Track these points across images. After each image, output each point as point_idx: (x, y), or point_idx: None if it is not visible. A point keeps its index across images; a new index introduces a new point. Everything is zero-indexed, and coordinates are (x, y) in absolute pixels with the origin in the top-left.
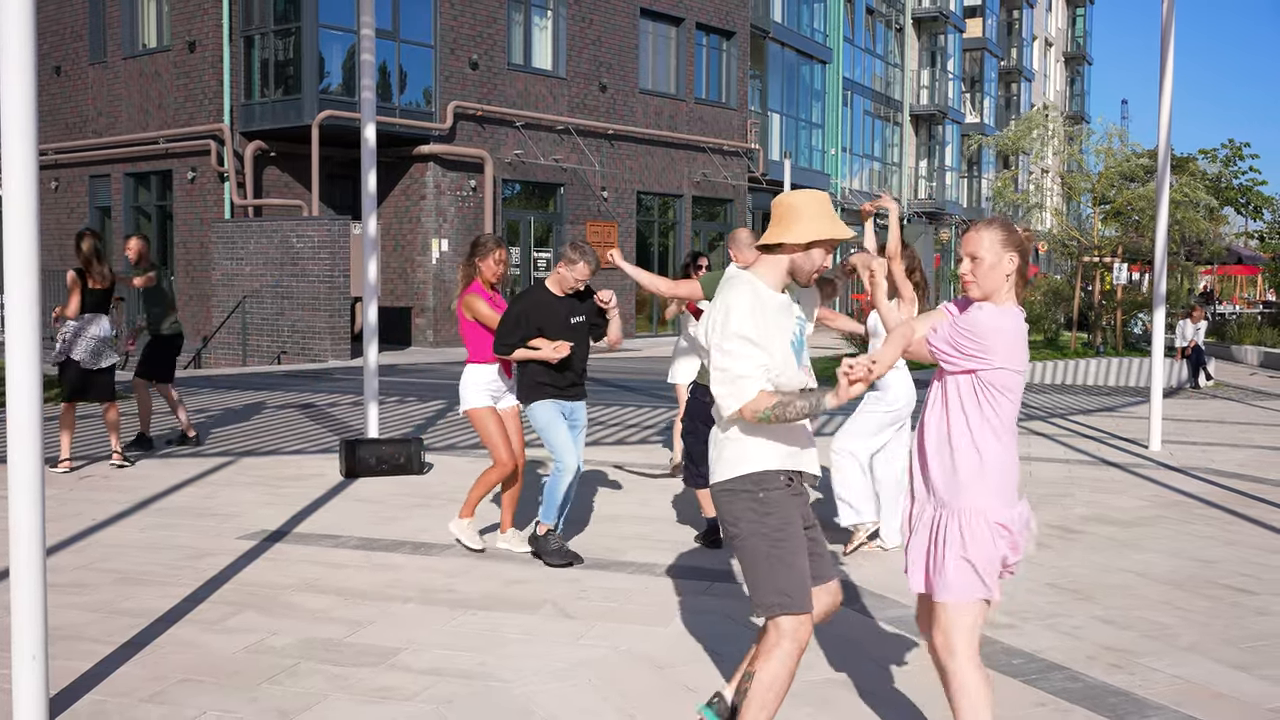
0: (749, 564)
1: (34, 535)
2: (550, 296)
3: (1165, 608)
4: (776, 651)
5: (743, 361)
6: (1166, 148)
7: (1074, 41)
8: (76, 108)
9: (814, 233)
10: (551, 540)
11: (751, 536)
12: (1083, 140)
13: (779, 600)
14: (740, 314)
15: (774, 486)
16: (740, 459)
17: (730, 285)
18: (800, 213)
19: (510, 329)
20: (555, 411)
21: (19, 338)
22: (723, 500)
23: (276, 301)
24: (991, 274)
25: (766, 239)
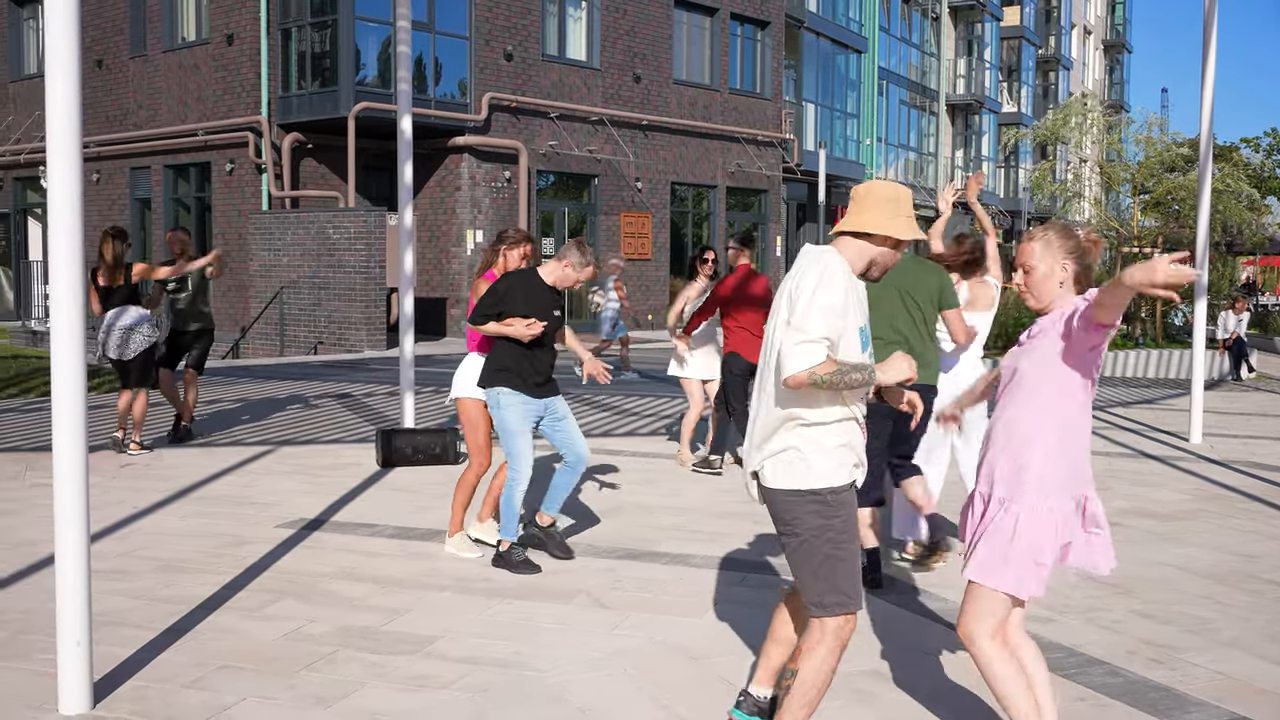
0: (809, 564)
1: (79, 523)
2: (542, 283)
3: (1206, 602)
4: (820, 649)
5: (821, 327)
6: (1208, 136)
7: (1113, 29)
8: (117, 101)
9: (888, 226)
10: (513, 556)
11: (815, 538)
12: (1122, 129)
13: (838, 600)
14: (833, 284)
15: (840, 490)
16: (804, 474)
17: (822, 256)
18: (883, 208)
19: (494, 300)
20: (525, 415)
21: (63, 328)
22: (781, 501)
23: (313, 292)
24: (1045, 284)
25: (846, 226)
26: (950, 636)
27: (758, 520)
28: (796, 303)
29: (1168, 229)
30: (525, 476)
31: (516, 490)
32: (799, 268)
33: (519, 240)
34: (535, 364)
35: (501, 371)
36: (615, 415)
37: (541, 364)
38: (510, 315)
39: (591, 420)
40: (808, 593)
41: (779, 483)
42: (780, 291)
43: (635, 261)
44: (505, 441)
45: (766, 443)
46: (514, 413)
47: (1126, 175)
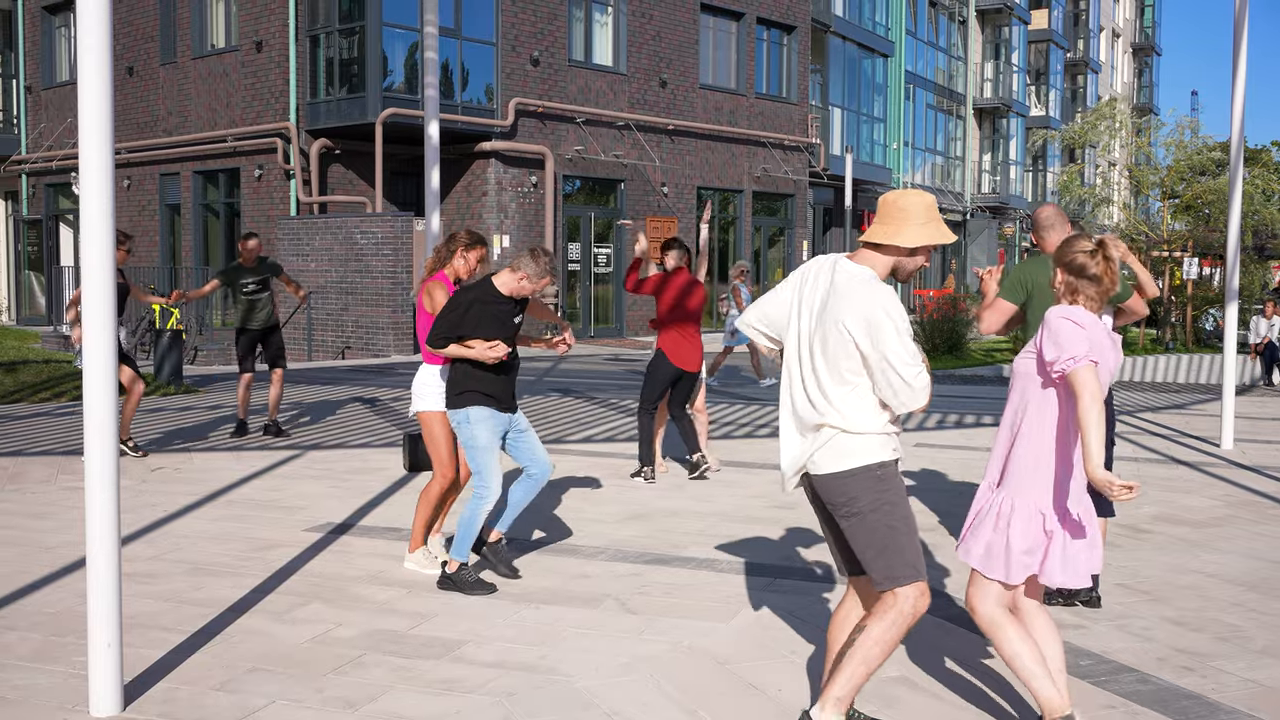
0: (872, 538)
1: (109, 526)
2: (499, 295)
3: (1238, 610)
4: (891, 613)
5: (915, 355)
6: (1239, 139)
7: (1142, 32)
8: (147, 107)
9: (924, 237)
10: (464, 576)
11: (873, 512)
12: (1152, 133)
13: (905, 571)
14: (903, 313)
15: (889, 464)
16: (859, 452)
17: (874, 285)
18: (910, 216)
19: (454, 322)
20: (495, 431)
21: (95, 333)
22: (836, 484)
23: (341, 297)
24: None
25: (875, 237)
26: (981, 643)
27: (785, 525)
28: (883, 338)
29: (1198, 233)
30: (495, 495)
31: (482, 509)
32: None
33: (473, 243)
34: (500, 383)
35: (468, 394)
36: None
37: (506, 382)
38: (470, 335)
39: (616, 425)
40: (875, 569)
41: (829, 467)
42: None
43: (660, 266)
44: (474, 459)
45: (812, 439)
46: (484, 428)
47: (1156, 179)
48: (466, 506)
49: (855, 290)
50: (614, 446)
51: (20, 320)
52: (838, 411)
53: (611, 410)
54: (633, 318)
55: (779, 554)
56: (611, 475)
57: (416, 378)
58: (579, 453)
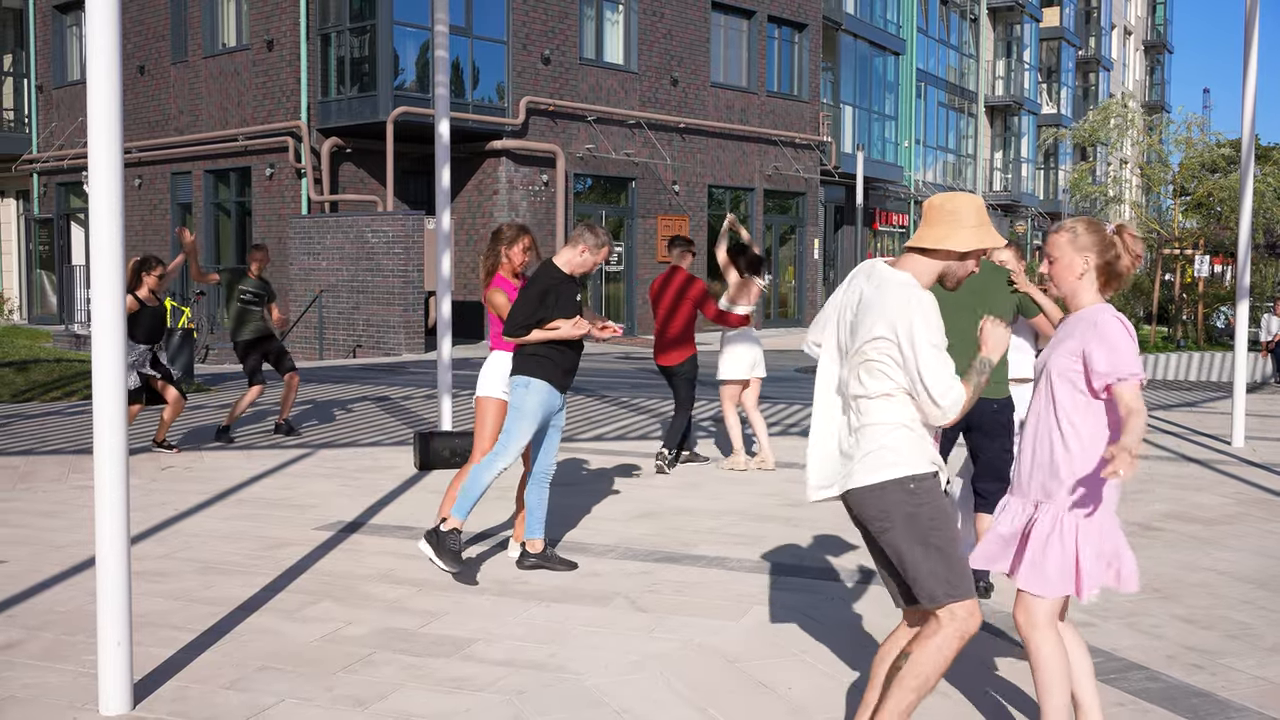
0: (907, 555)
1: (119, 525)
2: (564, 275)
3: (1248, 608)
4: (938, 637)
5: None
6: (1251, 137)
7: (1154, 29)
8: (159, 106)
9: (976, 241)
10: (450, 541)
11: (907, 527)
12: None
13: (945, 590)
14: (938, 320)
15: (925, 479)
16: (892, 464)
17: (911, 290)
18: (961, 218)
19: (531, 310)
20: (545, 404)
21: (105, 332)
22: (870, 497)
23: (352, 296)
24: (1065, 274)
25: (924, 242)
26: (992, 643)
27: (797, 524)
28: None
29: (1209, 230)
30: (508, 461)
31: (492, 471)
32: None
33: (517, 235)
34: (568, 359)
35: (536, 358)
36: (652, 418)
37: (573, 358)
38: (550, 319)
39: (627, 424)
40: (916, 587)
41: (861, 480)
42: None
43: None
44: (513, 421)
45: (845, 452)
46: (538, 399)
47: (1167, 176)
48: (478, 465)
49: (890, 296)
50: (625, 445)
51: (31, 319)
52: (870, 423)
53: (622, 409)
54: (644, 316)
55: (790, 552)
56: (623, 473)
57: (485, 363)
58: (590, 451)
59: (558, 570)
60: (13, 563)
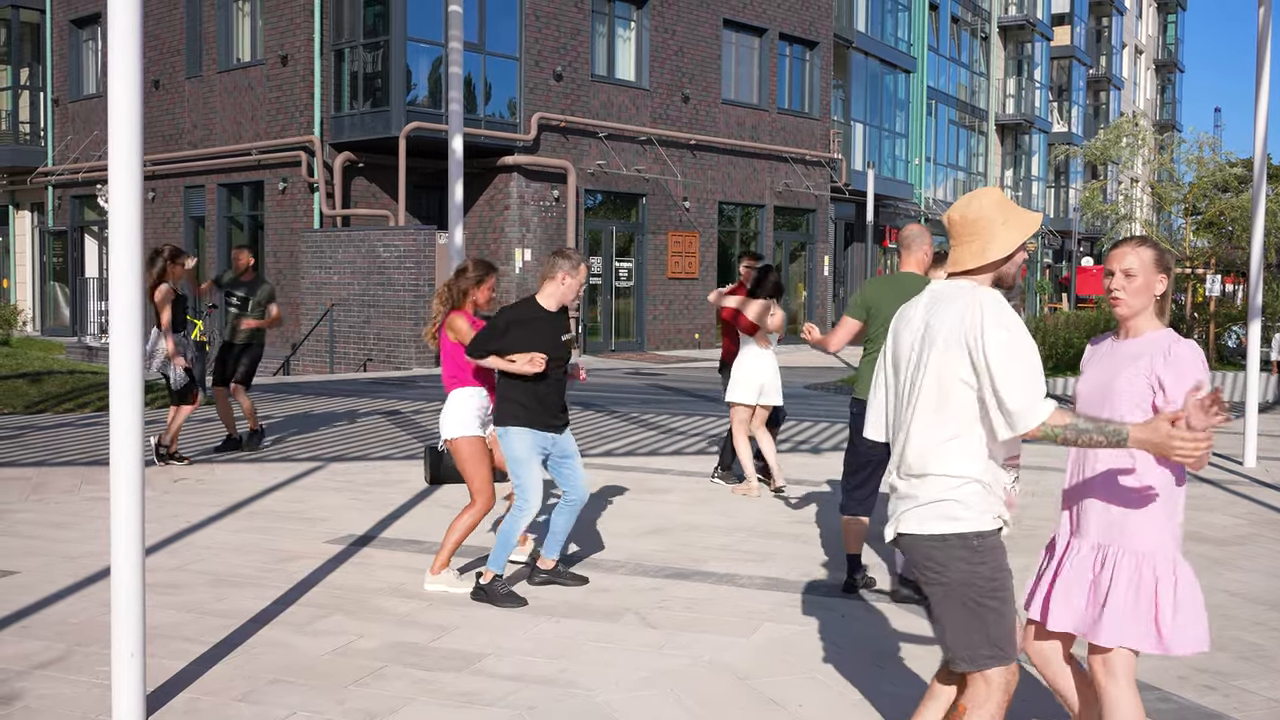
0: (958, 614)
1: (134, 537)
2: (544, 312)
3: (1260, 629)
4: (989, 706)
5: (1037, 369)
6: (1263, 156)
7: (1165, 48)
8: (173, 120)
9: (1015, 238)
10: (497, 589)
11: (964, 586)
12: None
13: (990, 654)
14: (1015, 319)
15: (989, 536)
16: (957, 516)
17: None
18: (987, 222)
19: (492, 335)
20: (534, 445)
21: (122, 343)
22: (926, 548)
23: (363, 310)
24: (1143, 293)
25: (964, 265)
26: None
27: (806, 541)
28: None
29: (1221, 250)
30: (534, 508)
31: (521, 521)
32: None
33: (485, 274)
34: (545, 401)
35: (512, 405)
36: (662, 434)
37: (552, 401)
38: (509, 353)
39: (637, 439)
40: (957, 646)
41: (918, 528)
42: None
43: (682, 280)
44: (514, 471)
45: (906, 494)
46: (521, 444)
47: (1178, 195)
48: (506, 519)
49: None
50: (635, 460)
51: (45, 331)
52: (938, 473)
53: (632, 424)
54: (653, 332)
55: (801, 569)
56: (633, 488)
57: (445, 408)
58: (600, 466)
59: (568, 585)
60: (25, 573)
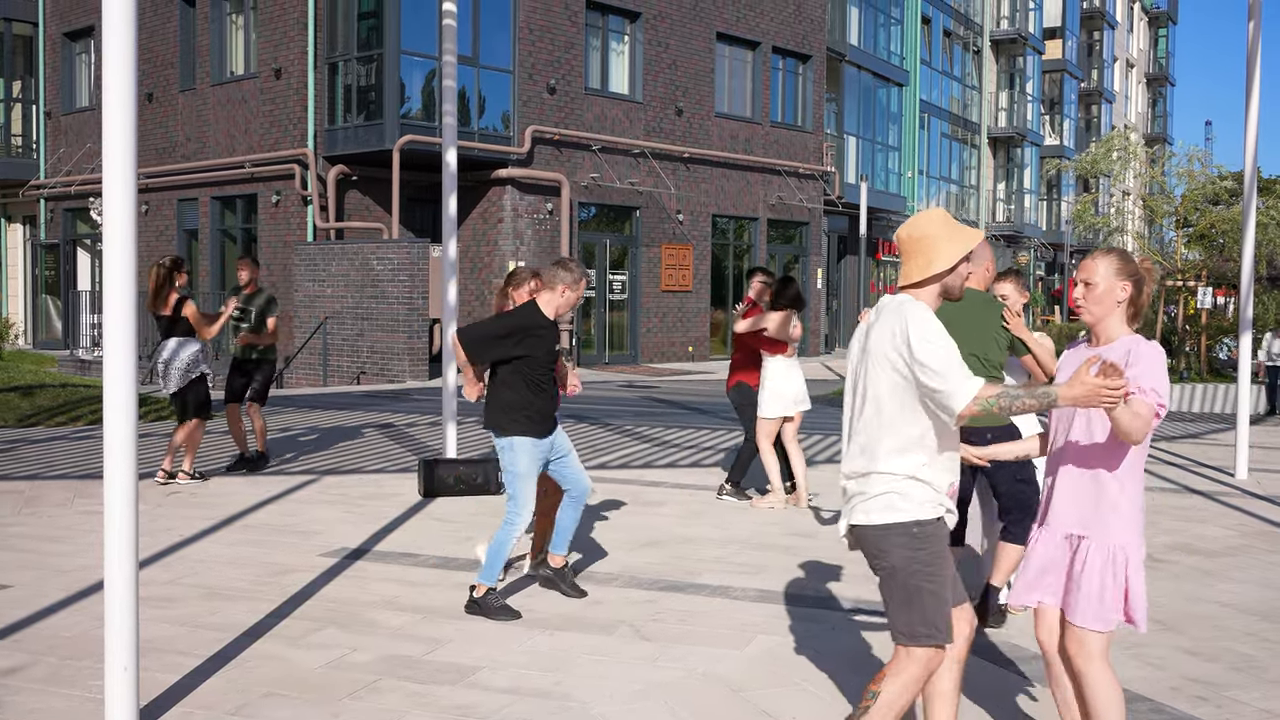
0: (899, 595)
1: (127, 550)
2: (545, 320)
3: (1252, 640)
4: (905, 676)
5: (955, 358)
6: (1253, 169)
7: (1156, 62)
8: (166, 133)
9: (957, 251)
10: (490, 602)
11: (904, 569)
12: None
13: (927, 632)
14: (934, 323)
15: (928, 524)
16: (898, 507)
17: (910, 304)
18: (933, 238)
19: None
20: (538, 457)
21: (116, 358)
22: (872, 536)
23: (357, 323)
24: (1105, 300)
25: (912, 278)
26: (1000, 674)
27: (801, 553)
28: (917, 356)
29: (1212, 262)
30: (524, 523)
31: (512, 534)
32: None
33: (527, 277)
34: (544, 406)
35: (510, 413)
36: (655, 447)
37: (550, 411)
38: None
39: (632, 451)
40: (897, 622)
41: (866, 519)
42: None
43: (676, 293)
44: (512, 484)
45: (855, 488)
46: (528, 457)
47: (1169, 208)
48: (497, 532)
49: (884, 316)
50: (629, 473)
51: (37, 344)
52: (880, 471)
53: (626, 437)
54: (647, 344)
55: (794, 582)
56: (627, 501)
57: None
58: (594, 479)
59: (568, 595)
60: (18, 587)
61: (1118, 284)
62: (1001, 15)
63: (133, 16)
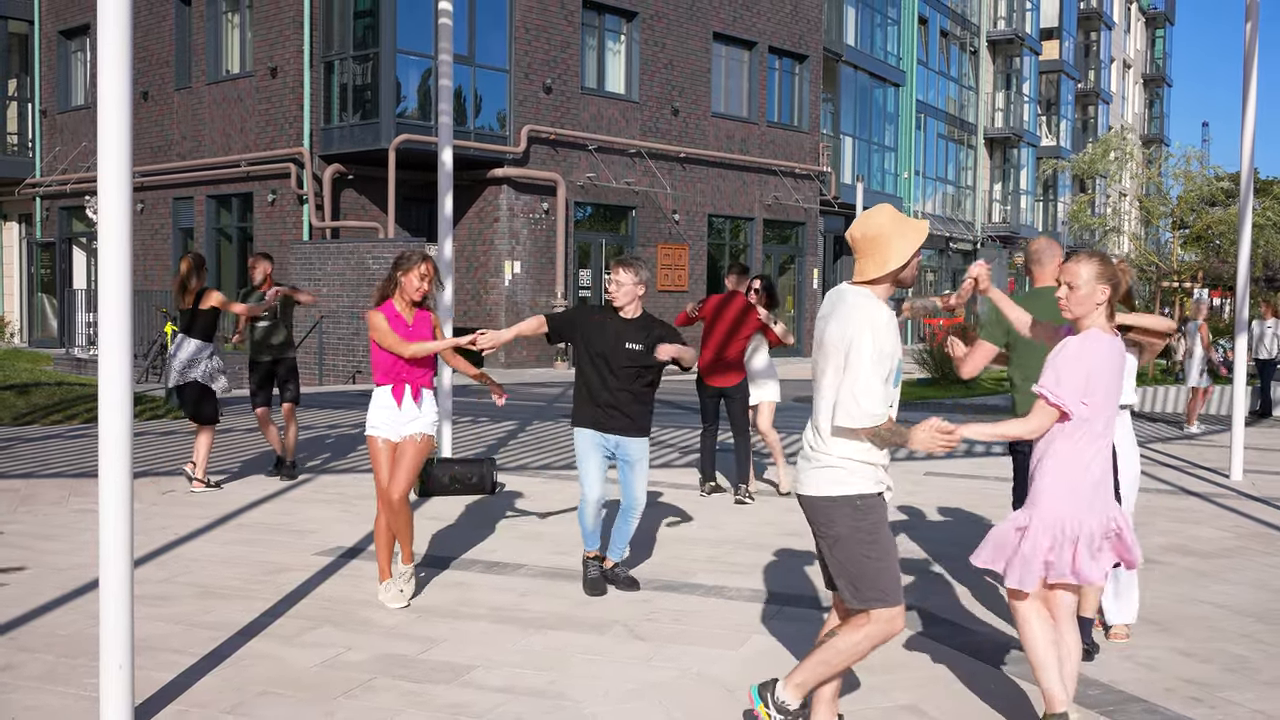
0: (848, 563)
1: (122, 549)
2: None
3: (1247, 641)
4: (864, 629)
5: (876, 385)
6: (1249, 170)
7: (1153, 63)
8: (162, 132)
9: (908, 248)
10: (590, 569)
11: (850, 538)
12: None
13: (878, 596)
14: (883, 335)
15: (870, 498)
16: (844, 482)
17: (865, 304)
18: (884, 237)
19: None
20: (590, 443)
21: (111, 356)
22: (820, 506)
23: (352, 322)
24: (1086, 301)
25: (868, 275)
26: (990, 673)
27: (795, 553)
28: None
29: (1208, 263)
30: (589, 499)
31: (583, 509)
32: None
33: (417, 261)
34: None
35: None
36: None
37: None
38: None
39: None
40: (846, 591)
41: (813, 490)
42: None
43: (671, 293)
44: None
45: (806, 462)
46: (580, 440)
47: (1166, 209)
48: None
49: (841, 310)
50: None
51: (32, 343)
52: (826, 438)
53: None
54: None
55: (789, 581)
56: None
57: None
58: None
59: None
60: (13, 585)
61: (1098, 287)
62: (998, 16)
63: (128, 15)
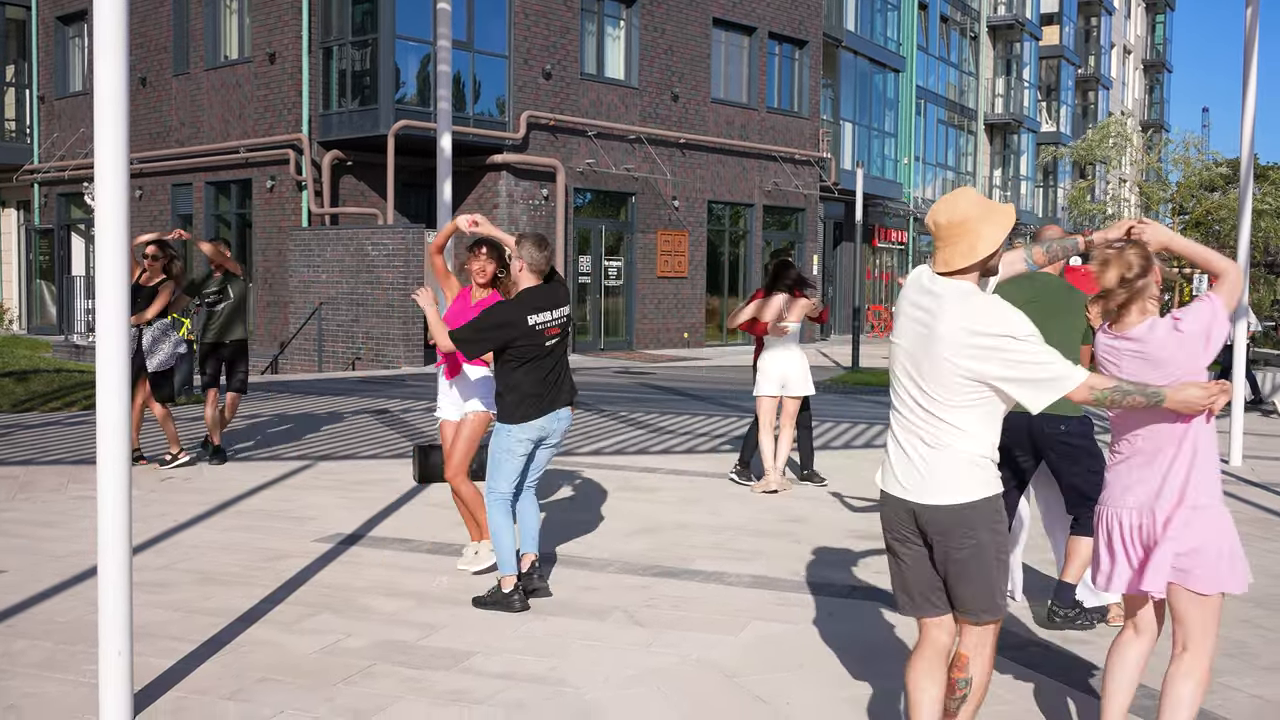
0: (984, 572)
1: (121, 535)
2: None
3: (1245, 626)
4: (987, 650)
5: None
6: (1249, 156)
7: (1153, 48)
8: (160, 118)
9: (1000, 234)
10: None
11: (990, 546)
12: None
13: (1003, 603)
14: (1016, 312)
15: (998, 500)
16: (986, 483)
17: (979, 295)
18: (972, 222)
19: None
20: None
21: (108, 341)
22: (963, 513)
23: (351, 308)
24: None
25: (955, 264)
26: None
27: (795, 539)
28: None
29: None
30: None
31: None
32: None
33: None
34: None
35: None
36: (650, 433)
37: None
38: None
39: (627, 437)
40: (980, 601)
41: (961, 497)
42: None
43: (671, 280)
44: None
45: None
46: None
47: (1165, 195)
48: None
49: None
50: (623, 459)
51: (31, 329)
52: (953, 446)
53: (621, 423)
54: (642, 330)
55: (788, 568)
56: (621, 487)
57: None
58: (589, 465)
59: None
60: (12, 572)
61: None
62: (999, 1)
63: (125, 0)
